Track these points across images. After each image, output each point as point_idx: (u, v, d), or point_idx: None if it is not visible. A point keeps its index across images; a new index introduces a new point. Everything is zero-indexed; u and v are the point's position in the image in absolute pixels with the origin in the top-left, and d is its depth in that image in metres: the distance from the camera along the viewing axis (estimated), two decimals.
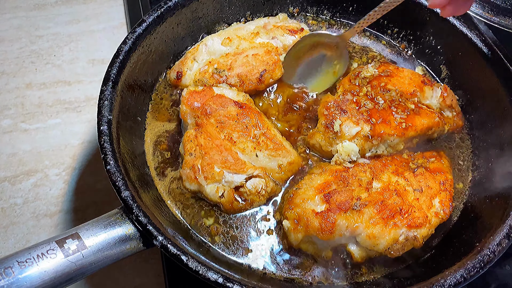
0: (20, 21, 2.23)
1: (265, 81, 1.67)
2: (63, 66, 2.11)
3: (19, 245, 1.65)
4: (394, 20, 1.89)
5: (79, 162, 1.85)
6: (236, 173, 1.46)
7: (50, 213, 1.73)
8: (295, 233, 1.39)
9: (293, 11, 1.98)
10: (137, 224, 1.23)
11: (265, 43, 1.73)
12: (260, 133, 1.52)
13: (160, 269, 1.62)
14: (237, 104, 1.55)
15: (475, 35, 1.68)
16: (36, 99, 2.00)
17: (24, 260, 1.08)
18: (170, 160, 1.59)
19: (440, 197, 1.45)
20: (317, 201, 1.40)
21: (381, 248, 1.35)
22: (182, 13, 1.72)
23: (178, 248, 1.20)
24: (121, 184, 1.27)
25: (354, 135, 1.53)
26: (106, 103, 1.41)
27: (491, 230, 1.33)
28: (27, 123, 1.93)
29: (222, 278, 1.17)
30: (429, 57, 1.86)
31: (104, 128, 1.36)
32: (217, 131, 1.50)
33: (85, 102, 2.01)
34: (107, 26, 2.27)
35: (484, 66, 1.65)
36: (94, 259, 1.16)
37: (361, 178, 1.45)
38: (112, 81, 1.45)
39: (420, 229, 1.37)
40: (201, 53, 1.73)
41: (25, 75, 2.06)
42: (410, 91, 1.64)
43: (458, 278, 1.21)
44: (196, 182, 1.45)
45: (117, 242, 1.21)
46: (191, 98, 1.56)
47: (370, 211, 1.37)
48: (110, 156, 1.31)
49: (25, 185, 1.78)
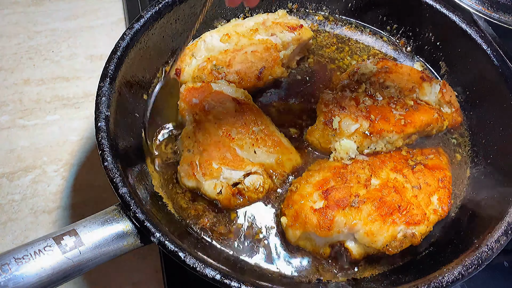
0: (18, 17, 2.22)
1: (264, 78, 1.66)
2: (61, 62, 2.10)
3: (17, 242, 1.65)
4: (393, 16, 1.89)
5: (77, 158, 1.84)
6: (234, 169, 1.46)
7: (48, 209, 1.72)
8: (293, 230, 1.39)
9: (292, 7, 1.97)
10: (135, 221, 1.23)
11: (264, 40, 1.72)
12: (259, 129, 1.52)
13: (158, 265, 1.62)
14: (236, 101, 1.54)
15: (474, 31, 1.67)
16: (34, 95, 1.99)
17: (21, 257, 1.07)
18: (168, 156, 1.58)
19: (438, 194, 1.45)
20: (315, 198, 1.40)
21: (379, 245, 1.35)
22: (180, 9, 1.71)
23: (175, 244, 1.20)
24: (119, 180, 1.26)
25: (353, 132, 1.52)
26: (104, 99, 1.40)
27: (490, 227, 1.32)
28: (25, 119, 1.92)
29: (219, 275, 1.17)
30: (429, 53, 1.85)
31: (101, 125, 1.35)
32: (215, 127, 1.50)
33: (83, 98, 2.00)
34: (105, 21, 2.26)
35: (483, 62, 1.65)
36: (92, 256, 1.16)
37: (359, 175, 1.45)
38: (110, 77, 1.44)
39: (418, 226, 1.37)
40: (199, 49, 1.72)
41: (23, 71, 2.05)
42: (409, 87, 1.63)
43: (456, 275, 1.21)
44: (194, 178, 1.45)
45: (115, 239, 1.20)
46: (190, 95, 1.55)
47: (369, 208, 1.36)
48: (108, 153, 1.31)
49: (23, 181, 1.77)
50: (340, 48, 1.90)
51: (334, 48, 1.90)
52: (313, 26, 1.95)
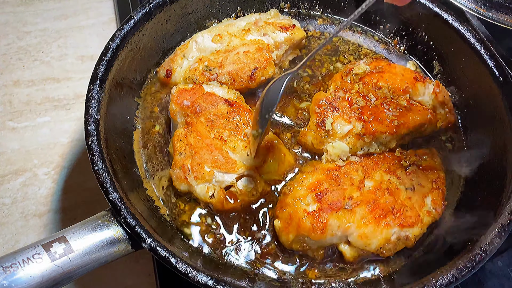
0: (7, 17, 2.19)
1: (256, 79, 1.65)
2: (51, 63, 2.08)
3: (7, 246, 1.63)
4: (386, 16, 1.87)
5: (68, 160, 1.82)
6: (226, 172, 1.44)
7: (39, 213, 1.71)
8: (286, 233, 1.38)
9: (284, 6, 1.95)
10: (126, 226, 1.22)
11: (256, 40, 1.70)
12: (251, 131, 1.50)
13: (151, 269, 1.61)
14: (228, 102, 1.53)
15: (467, 31, 1.66)
16: (24, 96, 1.96)
17: (9, 265, 1.06)
18: (160, 159, 1.57)
19: (432, 195, 1.44)
20: (308, 200, 1.39)
21: (373, 248, 1.35)
22: (171, 9, 1.69)
23: (167, 250, 1.18)
24: (109, 185, 1.25)
25: (346, 133, 1.51)
26: (94, 102, 1.38)
27: (483, 229, 1.32)
28: (15, 121, 1.90)
29: (212, 280, 1.16)
30: (422, 53, 1.84)
31: (91, 128, 1.34)
32: (207, 130, 1.48)
33: (74, 100, 1.98)
34: (96, 21, 2.23)
35: (476, 61, 1.64)
36: (82, 263, 1.14)
37: (353, 177, 1.44)
38: (100, 79, 1.42)
39: (412, 229, 1.36)
40: (191, 50, 1.70)
41: (12, 72, 2.03)
42: (402, 87, 1.62)
43: (450, 278, 1.21)
44: (186, 182, 1.43)
45: (105, 245, 1.19)
46: (181, 96, 1.53)
47: (362, 211, 1.36)
48: (98, 157, 1.29)
49: (14, 184, 1.75)
50: (332, 48, 1.88)
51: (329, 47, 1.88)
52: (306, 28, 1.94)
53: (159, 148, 1.59)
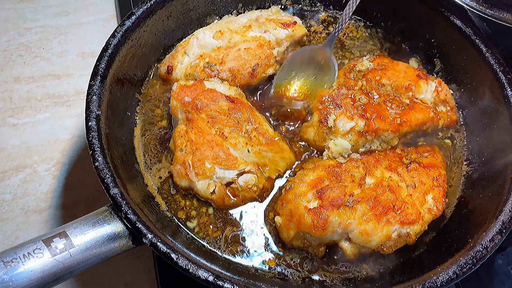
0: (7, 13, 2.19)
1: (257, 75, 1.64)
2: (52, 59, 2.08)
3: (8, 242, 1.63)
4: (388, 14, 1.87)
5: (68, 157, 1.82)
6: (227, 169, 1.44)
7: (39, 209, 1.71)
8: (287, 229, 1.37)
9: (285, 3, 1.95)
10: (126, 222, 1.21)
11: (258, 37, 1.70)
12: (252, 128, 1.50)
13: (151, 265, 1.61)
14: (229, 99, 1.52)
15: (469, 28, 1.66)
16: (25, 93, 1.96)
17: (9, 260, 1.05)
18: (161, 156, 1.57)
19: (433, 193, 1.44)
20: (309, 197, 1.38)
21: (374, 244, 1.34)
22: (173, 5, 1.69)
23: (167, 246, 1.18)
24: (110, 181, 1.25)
25: (348, 130, 1.51)
26: (95, 98, 1.38)
27: (484, 226, 1.32)
28: (15, 118, 1.90)
29: (212, 276, 1.16)
30: (423, 50, 1.84)
31: (92, 124, 1.34)
32: (208, 126, 1.48)
33: (74, 96, 1.98)
34: (97, 18, 2.23)
35: (478, 59, 1.63)
36: (82, 258, 1.14)
37: (354, 174, 1.43)
38: (101, 75, 1.42)
39: (413, 226, 1.36)
40: (192, 46, 1.70)
41: (13, 69, 2.02)
42: (405, 84, 1.62)
43: (451, 274, 1.21)
44: (187, 178, 1.43)
45: (106, 241, 1.19)
46: (182, 93, 1.53)
47: (363, 208, 1.35)
48: (99, 153, 1.29)
49: (14, 180, 1.75)
50: (335, 44, 1.88)
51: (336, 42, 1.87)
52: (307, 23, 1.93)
53: (160, 144, 1.59)
